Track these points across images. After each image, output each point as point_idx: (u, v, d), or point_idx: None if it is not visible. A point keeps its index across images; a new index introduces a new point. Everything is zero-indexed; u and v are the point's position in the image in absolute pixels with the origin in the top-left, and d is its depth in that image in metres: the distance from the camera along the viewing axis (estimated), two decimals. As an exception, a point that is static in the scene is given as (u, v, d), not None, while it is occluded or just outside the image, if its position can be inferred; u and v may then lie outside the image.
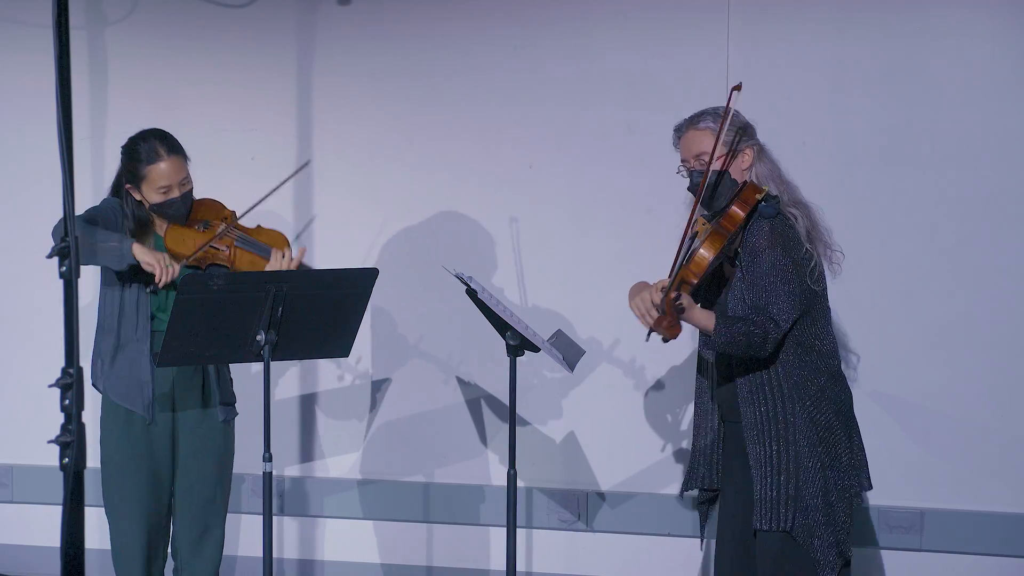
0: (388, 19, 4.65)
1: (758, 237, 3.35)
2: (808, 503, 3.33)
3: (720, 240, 3.32)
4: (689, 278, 3.31)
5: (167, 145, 3.69)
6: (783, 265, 3.32)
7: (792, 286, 3.32)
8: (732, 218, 3.35)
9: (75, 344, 2.36)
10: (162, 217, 3.72)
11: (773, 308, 3.30)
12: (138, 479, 3.74)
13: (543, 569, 4.66)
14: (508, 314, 3.73)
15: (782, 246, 3.33)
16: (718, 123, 3.39)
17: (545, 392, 4.61)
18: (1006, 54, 4.25)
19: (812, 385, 3.38)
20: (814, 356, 3.40)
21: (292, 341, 3.56)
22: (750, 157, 3.44)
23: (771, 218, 3.36)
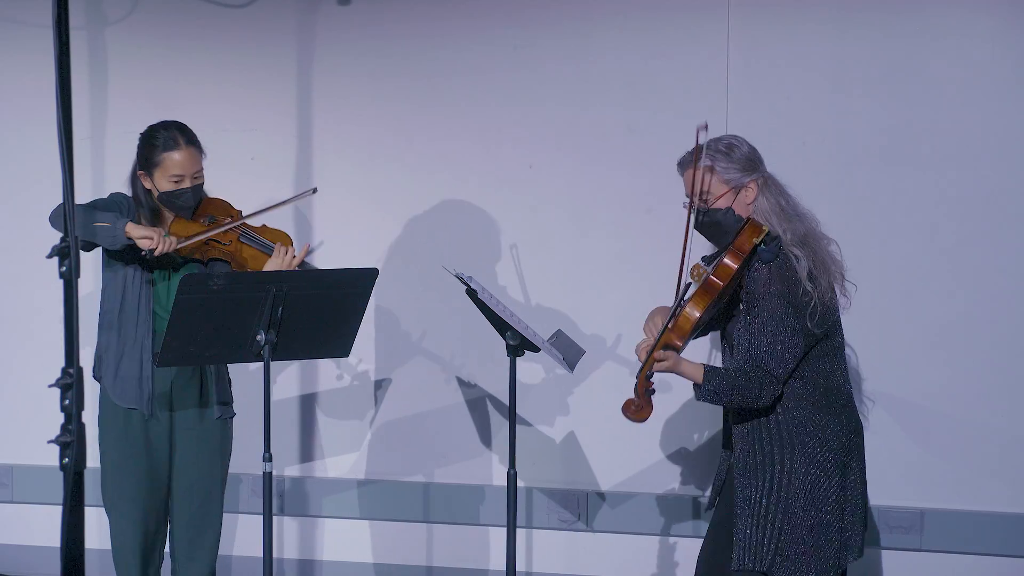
0: (388, 19, 4.65)
1: (756, 284, 3.27)
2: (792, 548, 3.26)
3: (708, 297, 3.24)
4: (673, 341, 3.25)
5: (186, 136, 3.71)
6: (782, 314, 3.23)
7: (791, 335, 3.23)
8: (723, 271, 3.25)
9: (75, 344, 2.36)
10: (170, 208, 3.72)
11: (771, 362, 3.22)
12: (136, 478, 3.74)
13: (543, 569, 4.66)
14: (508, 314, 3.73)
15: (779, 293, 3.24)
16: (717, 160, 3.32)
17: (545, 392, 4.61)
18: (1006, 54, 4.25)
19: (812, 424, 3.29)
20: (819, 394, 3.31)
21: (292, 341, 3.56)
22: (754, 190, 3.34)
23: (770, 263, 3.27)
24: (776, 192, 3.38)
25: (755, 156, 3.39)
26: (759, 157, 3.40)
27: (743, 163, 3.35)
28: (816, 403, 3.31)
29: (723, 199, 3.34)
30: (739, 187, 3.34)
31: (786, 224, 3.33)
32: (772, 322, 3.23)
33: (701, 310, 3.23)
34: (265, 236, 3.79)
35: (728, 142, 3.39)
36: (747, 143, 3.40)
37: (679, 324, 3.25)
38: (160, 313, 3.71)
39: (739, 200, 3.34)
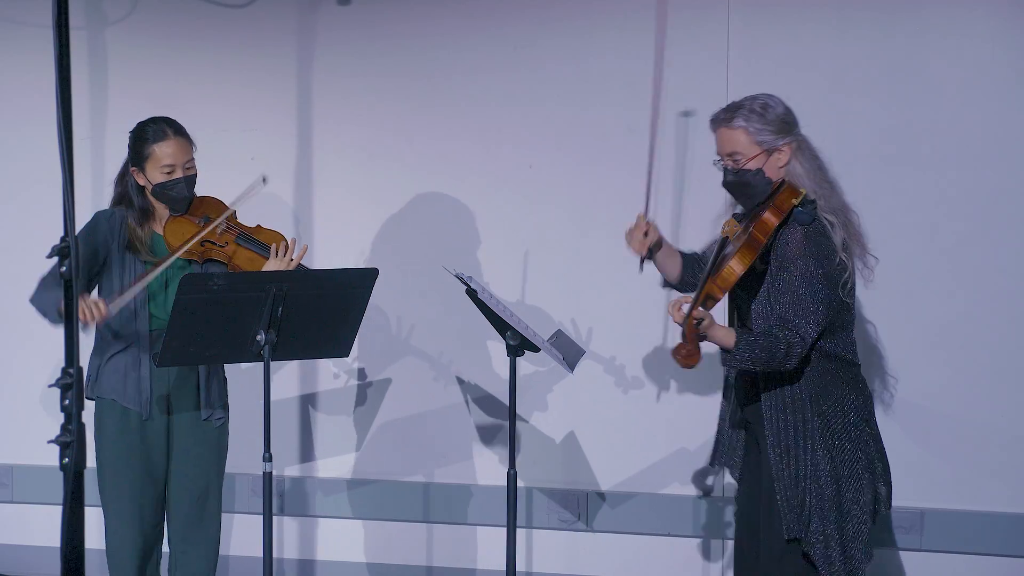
0: (388, 19, 4.65)
1: (790, 245, 3.24)
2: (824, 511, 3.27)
3: (752, 252, 3.18)
4: (715, 292, 3.20)
5: (174, 127, 3.74)
6: (814, 277, 3.20)
7: (821, 299, 3.21)
8: (765, 226, 3.20)
9: (75, 344, 2.36)
10: (165, 201, 3.72)
11: (800, 321, 3.19)
12: (132, 478, 3.74)
13: (543, 569, 4.66)
14: (508, 314, 3.73)
15: (815, 256, 3.21)
16: (751, 121, 3.29)
17: (545, 392, 4.61)
18: (1006, 54, 4.25)
19: (831, 394, 3.30)
20: (836, 365, 3.32)
21: (292, 341, 3.56)
22: (787, 154, 3.31)
23: (806, 225, 3.24)
24: (810, 156, 3.35)
25: (790, 118, 3.35)
26: (794, 119, 3.36)
27: (777, 124, 3.31)
28: (834, 373, 3.31)
29: (755, 160, 3.30)
30: (772, 149, 3.30)
31: (819, 190, 3.31)
32: (803, 284, 3.20)
33: (746, 264, 3.18)
34: (261, 237, 3.79)
35: (763, 102, 3.34)
36: (783, 104, 3.36)
37: (723, 275, 3.18)
38: (157, 314, 3.71)
39: (771, 162, 3.31)
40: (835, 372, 3.32)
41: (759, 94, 3.39)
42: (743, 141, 3.30)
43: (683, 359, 3.21)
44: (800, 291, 3.21)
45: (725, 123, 3.34)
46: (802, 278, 3.21)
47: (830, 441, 3.29)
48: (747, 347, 3.20)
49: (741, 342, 3.21)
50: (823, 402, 3.30)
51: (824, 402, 3.30)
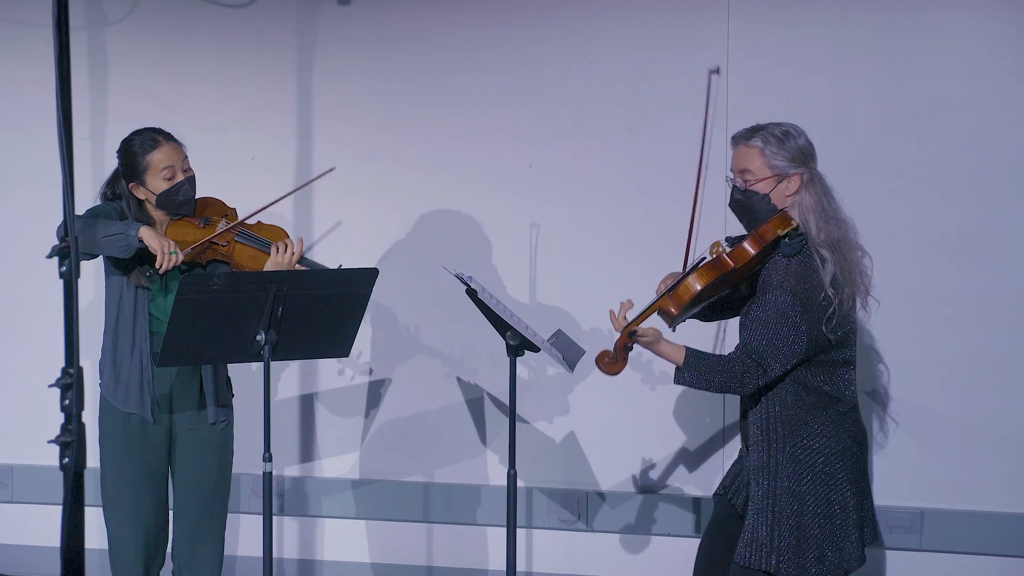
0: (388, 19, 4.65)
1: (772, 274, 3.25)
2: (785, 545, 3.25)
3: (713, 273, 3.21)
4: (668, 307, 3.23)
5: (162, 134, 3.73)
6: (787, 309, 3.19)
7: (792, 332, 3.19)
8: (739, 253, 3.23)
9: (75, 344, 2.36)
10: (171, 206, 3.70)
11: (766, 353, 3.20)
12: (136, 481, 3.74)
13: (543, 569, 4.66)
14: (508, 314, 3.73)
15: (792, 289, 3.20)
16: (768, 144, 3.30)
17: (545, 392, 4.61)
18: (1006, 54, 4.25)
19: (805, 429, 3.28)
20: (815, 398, 3.29)
21: (292, 341, 3.56)
22: (796, 183, 3.31)
23: (790, 257, 3.25)
24: (820, 191, 3.34)
25: (808, 151, 3.36)
26: (813, 153, 3.37)
27: (793, 153, 3.32)
28: (813, 407, 3.29)
29: (763, 184, 3.31)
30: (782, 176, 3.31)
31: (822, 224, 3.29)
32: (777, 315, 3.20)
33: (703, 283, 3.20)
34: (262, 234, 3.78)
35: (786, 129, 3.36)
36: (805, 136, 3.37)
37: (678, 292, 3.23)
38: (157, 315, 3.71)
39: (779, 189, 3.32)
40: (813, 406, 3.29)
41: (785, 122, 3.40)
42: (756, 161, 3.31)
43: (606, 366, 3.27)
44: (772, 322, 3.21)
45: (744, 140, 3.36)
46: (777, 308, 3.21)
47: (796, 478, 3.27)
48: (696, 368, 3.23)
49: (691, 361, 3.23)
50: (795, 436, 3.29)
51: (796, 436, 3.29)
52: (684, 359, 3.23)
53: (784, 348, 3.20)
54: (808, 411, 3.29)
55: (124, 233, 3.53)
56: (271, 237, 3.78)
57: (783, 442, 3.28)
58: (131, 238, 3.53)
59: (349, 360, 4.66)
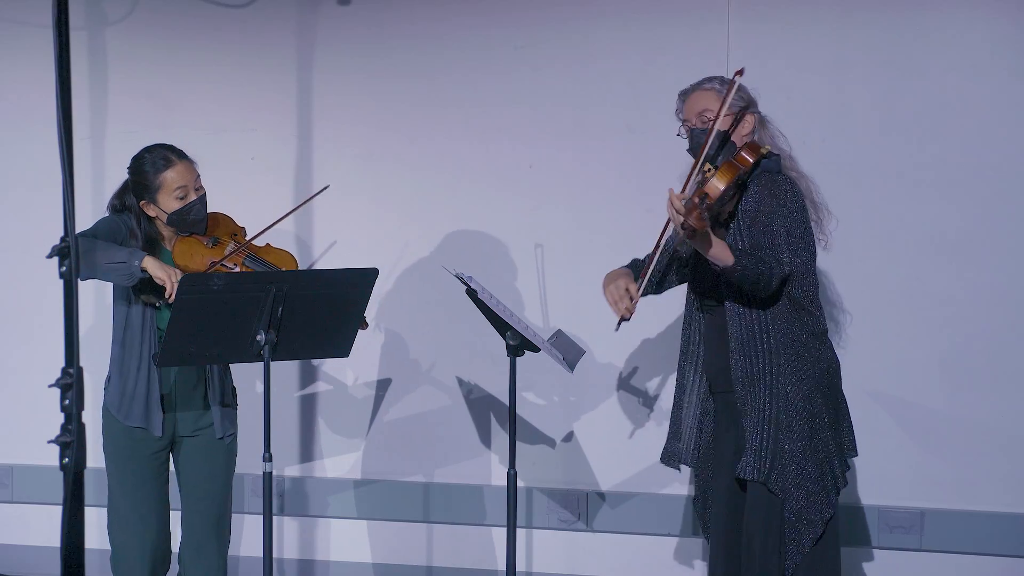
0: (388, 19, 4.65)
1: (763, 193, 3.38)
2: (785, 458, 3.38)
3: (732, 172, 3.26)
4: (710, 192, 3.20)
5: (175, 152, 3.68)
6: (797, 215, 3.37)
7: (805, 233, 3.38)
8: (742, 159, 3.33)
9: (75, 344, 2.36)
10: (182, 225, 3.67)
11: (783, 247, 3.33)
12: (141, 491, 3.73)
13: (543, 569, 4.66)
14: (508, 314, 3.73)
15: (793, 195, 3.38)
16: (724, 87, 3.47)
17: (545, 392, 4.61)
18: (1006, 53, 4.25)
19: (799, 340, 3.43)
20: (803, 314, 3.44)
21: (292, 341, 3.56)
22: (751, 124, 3.50)
23: (775, 173, 3.41)
24: (772, 133, 3.56)
25: (754, 99, 3.56)
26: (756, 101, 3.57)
27: (747, 96, 3.52)
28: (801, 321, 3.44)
29: (722, 121, 3.44)
30: (739, 115, 3.47)
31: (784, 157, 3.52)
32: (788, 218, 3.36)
33: (726, 182, 3.24)
34: (269, 258, 3.76)
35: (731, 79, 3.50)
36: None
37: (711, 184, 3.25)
38: (163, 328, 3.69)
39: (737, 130, 3.48)
40: (802, 322, 3.45)
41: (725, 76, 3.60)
42: (715, 100, 3.47)
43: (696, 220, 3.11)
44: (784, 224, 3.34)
45: (697, 87, 3.55)
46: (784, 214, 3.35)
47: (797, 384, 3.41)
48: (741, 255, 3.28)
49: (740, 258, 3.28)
50: (791, 347, 3.41)
51: (792, 347, 3.41)
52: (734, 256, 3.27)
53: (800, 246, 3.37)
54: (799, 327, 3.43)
55: (127, 263, 3.48)
56: (278, 262, 3.75)
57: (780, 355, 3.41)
58: (134, 268, 3.48)
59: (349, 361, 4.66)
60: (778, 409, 3.40)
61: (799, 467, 3.39)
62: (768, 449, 3.39)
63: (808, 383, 3.42)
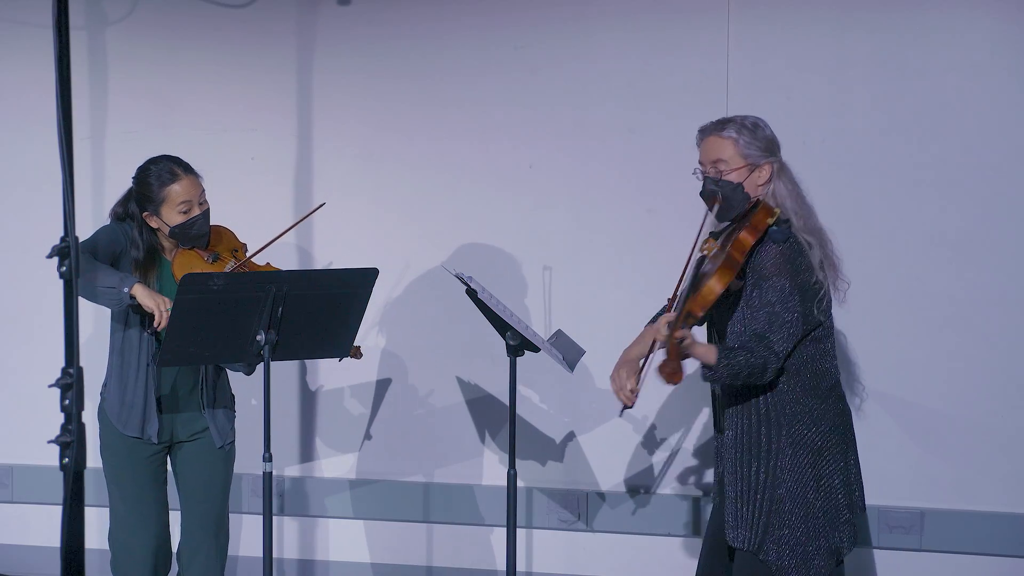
0: (388, 19, 4.65)
1: (766, 262, 3.27)
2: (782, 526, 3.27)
3: (731, 271, 3.22)
4: (695, 311, 3.21)
5: (182, 165, 3.68)
6: (788, 293, 3.24)
7: (796, 315, 3.24)
8: (741, 244, 3.24)
9: (75, 344, 2.36)
10: (184, 239, 3.67)
11: (773, 338, 3.22)
12: (141, 494, 3.74)
13: (543, 569, 4.66)
14: (508, 314, 3.73)
15: (789, 274, 3.25)
16: (741, 134, 3.34)
17: (545, 392, 4.61)
18: (1006, 53, 4.25)
19: (801, 408, 3.30)
20: (806, 377, 3.32)
21: (292, 341, 3.56)
22: (768, 173, 3.35)
23: (781, 243, 3.28)
24: (790, 180, 3.41)
25: (776, 142, 3.42)
26: (778, 145, 3.43)
27: (764, 143, 3.38)
28: (804, 386, 3.32)
29: (736, 173, 3.35)
30: (755, 166, 3.35)
31: (799, 211, 3.37)
32: (779, 301, 3.24)
33: (724, 284, 3.21)
34: None
35: (755, 120, 3.41)
36: (770, 128, 3.43)
37: (702, 294, 3.21)
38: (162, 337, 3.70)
39: (751, 179, 3.36)
40: (806, 384, 3.33)
41: (750, 115, 3.45)
42: (730, 151, 3.35)
43: (668, 377, 3.23)
44: (776, 308, 3.24)
45: (715, 131, 3.39)
46: (778, 295, 3.24)
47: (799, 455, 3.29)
48: (728, 363, 3.22)
49: (722, 358, 3.22)
50: (794, 417, 3.30)
51: (794, 417, 3.30)
52: (716, 358, 3.23)
53: (790, 331, 3.25)
54: (801, 391, 3.32)
55: (117, 288, 3.49)
56: None
57: (779, 423, 3.30)
58: (123, 295, 3.49)
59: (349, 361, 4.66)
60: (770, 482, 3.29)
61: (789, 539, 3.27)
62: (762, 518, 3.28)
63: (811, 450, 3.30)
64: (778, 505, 3.28)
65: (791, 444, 3.29)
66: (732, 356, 3.22)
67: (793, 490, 3.28)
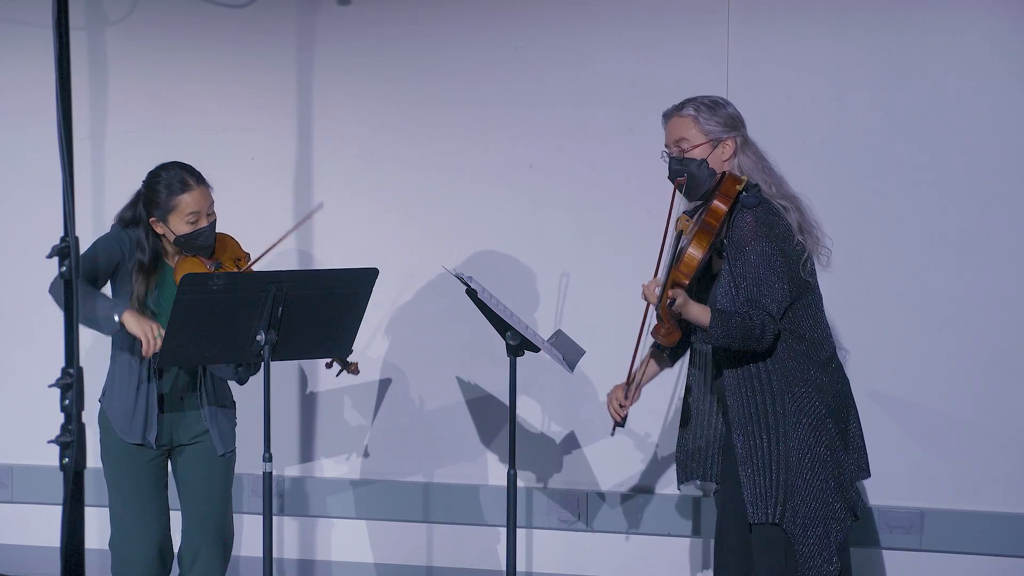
0: (388, 19, 4.65)
1: (742, 229, 3.32)
2: (798, 496, 3.31)
3: (708, 237, 3.29)
4: (680, 279, 3.27)
5: (194, 176, 3.66)
6: (770, 255, 3.29)
7: (781, 275, 3.29)
8: (715, 213, 3.31)
9: (75, 344, 2.36)
10: (189, 249, 3.66)
11: (766, 299, 3.28)
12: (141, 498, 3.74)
13: (543, 569, 4.66)
14: (508, 314, 3.73)
15: (767, 236, 3.30)
16: (700, 111, 3.40)
17: (545, 392, 4.61)
18: (1006, 53, 4.25)
19: (802, 375, 3.35)
20: (805, 345, 3.37)
21: (292, 341, 3.56)
22: (731, 148, 3.42)
23: (753, 207, 3.33)
24: (755, 152, 3.46)
25: (738, 117, 3.47)
26: (742, 120, 3.48)
27: (725, 119, 3.43)
28: (803, 354, 3.37)
29: (699, 150, 3.41)
30: (717, 141, 3.41)
31: (769, 179, 3.42)
32: (763, 264, 3.29)
33: (703, 249, 3.27)
34: None
35: (714, 99, 3.47)
36: (733, 105, 3.49)
37: (684, 262, 3.28)
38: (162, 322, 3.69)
39: (715, 155, 3.42)
40: (806, 353, 3.37)
41: (711, 94, 3.53)
42: (691, 129, 3.42)
43: (663, 338, 3.29)
44: (761, 271, 3.29)
45: (676, 111, 3.48)
46: (760, 258, 3.29)
47: (805, 421, 3.33)
48: (722, 324, 3.26)
49: (716, 319, 3.27)
50: (795, 384, 3.34)
51: (796, 384, 3.34)
52: (711, 318, 3.27)
53: (780, 290, 3.30)
54: (801, 360, 3.36)
55: (109, 314, 3.49)
56: None
57: (782, 392, 3.33)
58: (113, 323, 3.49)
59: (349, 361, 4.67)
60: (781, 450, 3.32)
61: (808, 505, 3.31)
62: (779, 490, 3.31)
63: (816, 415, 3.34)
64: (792, 474, 3.31)
65: (796, 411, 3.33)
66: (727, 319, 3.27)
67: (803, 458, 3.32)
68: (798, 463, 3.32)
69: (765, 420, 3.34)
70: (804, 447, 3.32)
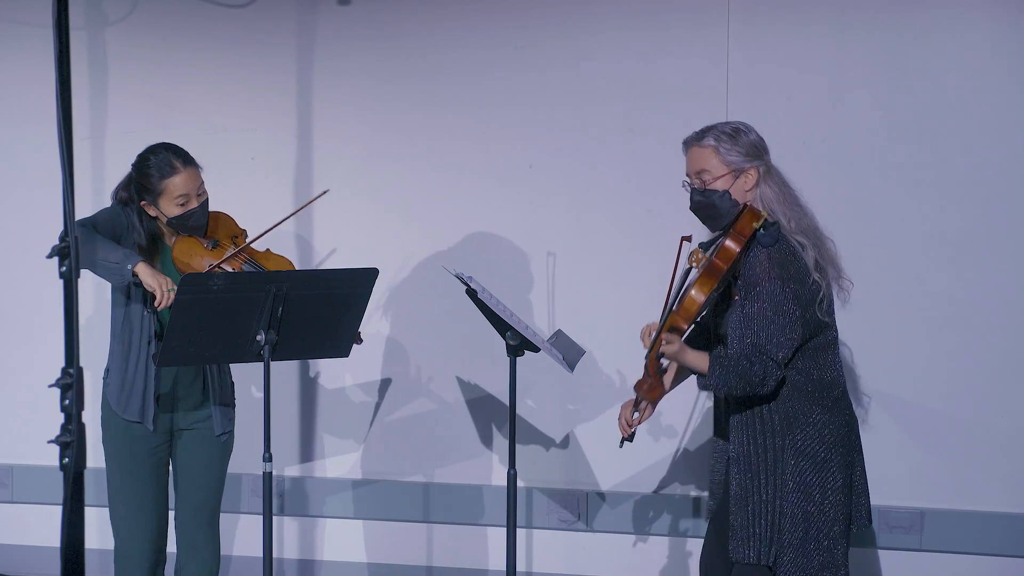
0: (388, 19, 4.65)
1: (756, 268, 3.22)
2: (790, 539, 3.24)
3: (712, 279, 3.18)
4: (679, 324, 3.20)
5: (181, 157, 3.66)
6: (781, 299, 3.18)
7: (792, 319, 3.19)
8: (725, 253, 3.20)
9: (75, 344, 2.36)
10: (182, 229, 3.67)
11: (772, 346, 3.18)
12: (140, 486, 3.74)
13: (543, 569, 4.66)
14: (508, 314, 3.73)
15: (780, 278, 3.20)
16: (721, 141, 3.30)
17: (545, 392, 4.61)
18: (1006, 54, 4.25)
19: (805, 418, 3.26)
20: (811, 387, 3.28)
21: (292, 341, 3.56)
22: (754, 177, 3.31)
23: (769, 247, 3.23)
24: (779, 182, 3.35)
25: (761, 145, 3.36)
26: (765, 147, 3.37)
27: (747, 148, 3.32)
28: (809, 395, 3.28)
29: (721, 181, 3.31)
30: (739, 171, 3.31)
31: (789, 212, 3.31)
32: (771, 307, 3.19)
33: (706, 293, 3.18)
34: (268, 264, 3.75)
35: (735, 126, 3.36)
36: (755, 131, 3.38)
37: (684, 306, 3.19)
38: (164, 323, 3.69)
39: (737, 185, 3.31)
40: (811, 394, 3.29)
41: (732, 120, 3.43)
42: (712, 160, 3.31)
43: (646, 393, 3.23)
44: (770, 314, 3.19)
45: (696, 141, 3.36)
46: (770, 302, 3.19)
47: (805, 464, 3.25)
48: (721, 372, 3.20)
49: (715, 367, 3.20)
50: (796, 427, 3.26)
51: (797, 426, 3.26)
52: (709, 365, 3.21)
53: (786, 338, 3.19)
54: (805, 400, 3.27)
55: (120, 264, 3.50)
56: (278, 268, 3.74)
57: (783, 433, 3.26)
58: (127, 272, 3.50)
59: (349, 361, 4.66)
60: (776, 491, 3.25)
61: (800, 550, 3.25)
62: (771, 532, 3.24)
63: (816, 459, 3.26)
64: (785, 519, 3.24)
65: (795, 455, 3.25)
66: (727, 366, 3.19)
67: (797, 503, 3.24)
68: (792, 508, 3.24)
69: (764, 463, 3.27)
70: (799, 491, 3.24)
